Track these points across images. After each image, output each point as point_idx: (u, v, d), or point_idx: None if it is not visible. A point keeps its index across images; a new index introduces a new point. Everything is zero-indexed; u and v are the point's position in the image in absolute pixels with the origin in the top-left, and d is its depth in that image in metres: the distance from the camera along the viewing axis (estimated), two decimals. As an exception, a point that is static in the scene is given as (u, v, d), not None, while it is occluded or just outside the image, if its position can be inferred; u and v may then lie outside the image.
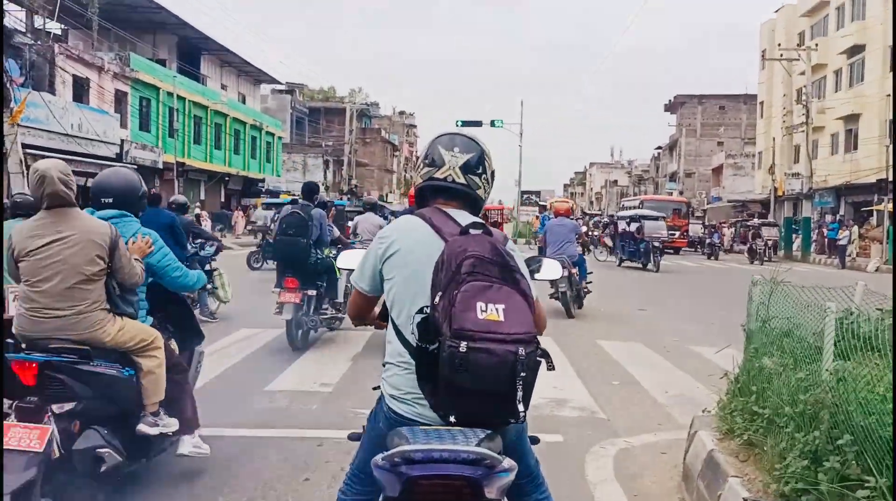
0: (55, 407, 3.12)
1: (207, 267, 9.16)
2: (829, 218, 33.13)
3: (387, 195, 72.35)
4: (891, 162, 23.84)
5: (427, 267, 2.02)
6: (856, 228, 27.75)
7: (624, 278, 19.05)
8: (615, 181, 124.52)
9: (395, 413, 2.08)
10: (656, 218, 23.43)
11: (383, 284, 2.21)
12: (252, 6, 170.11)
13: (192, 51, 37.75)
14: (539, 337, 1.94)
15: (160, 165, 30.01)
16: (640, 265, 21.16)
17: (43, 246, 3.17)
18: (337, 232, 8.58)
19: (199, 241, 9.46)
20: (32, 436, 2.97)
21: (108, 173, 3.85)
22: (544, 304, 2.46)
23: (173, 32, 35.60)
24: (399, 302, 2.14)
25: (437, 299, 1.91)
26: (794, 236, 32.66)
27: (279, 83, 48.14)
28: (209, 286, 9.01)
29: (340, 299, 8.18)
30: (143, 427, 3.45)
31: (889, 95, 26.45)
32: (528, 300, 1.95)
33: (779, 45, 36.61)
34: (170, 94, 31.02)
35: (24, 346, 3.24)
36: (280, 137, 49.05)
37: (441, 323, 1.87)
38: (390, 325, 2.18)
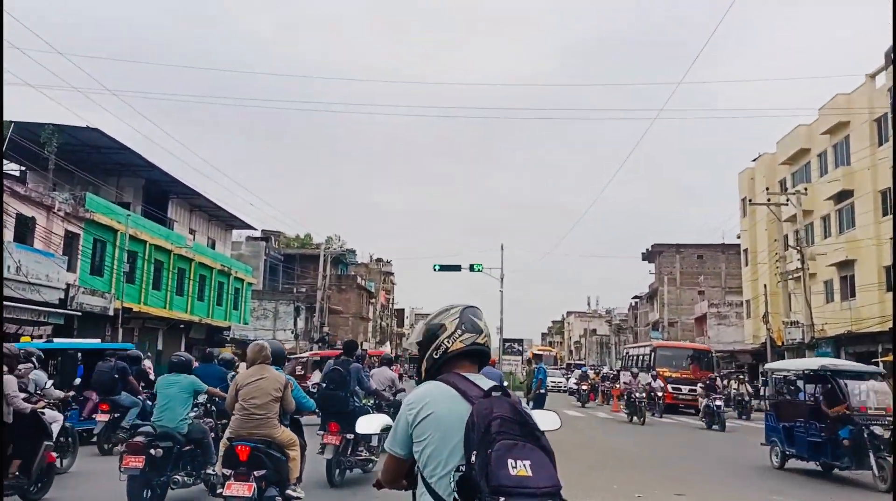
0: (255, 473, 5.92)
1: None
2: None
3: (361, 344, 69.54)
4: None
5: (457, 429, 2.20)
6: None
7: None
8: (594, 330, 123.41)
9: None
10: (868, 375, 12.02)
11: (413, 447, 2.36)
12: (228, 155, 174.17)
13: (159, 194, 36.33)
14: None
15: (111, 312, 27.41)
16: (821, 468, 11.55)
17: (254, 381, 6.18)
18: (374, 384, 10.40)
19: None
20: (244, 488, 5.80)
21: (268, 344, 6.74)
22: None
23: (139, 175, 34.26)
24: (433, 461, 2.28)
25: (472, 457, 2.10)
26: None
27: (253, 229, 46.75)
28: None
29: (375, 443, 9.59)
30: (289, 491, 6.33)
31: (892, 238, 25.10)
32: (549, 456, 2.14)
33: (766, 189, 36.04)
34: (127, 236, 29.00)
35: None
36: (250, 284, 46.89)
37: (479, 480, 2.04)
38: (422, 484, 2.30)
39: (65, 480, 8.54)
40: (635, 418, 21.75)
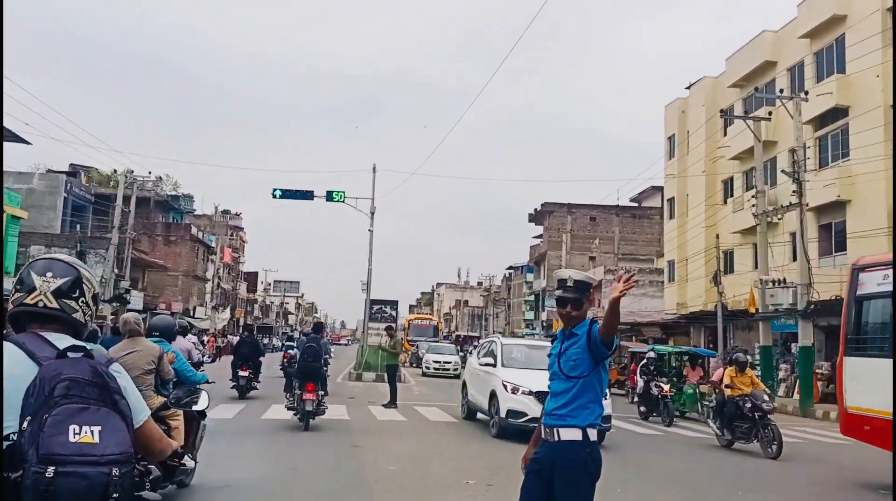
0: None
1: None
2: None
3: (194, 309, 56.88)
4: None
5: (17, 393, 1.89)
6: None
7: None
8: (466, 302, 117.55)
9: None
10: None
11: None
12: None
13: None
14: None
15: None
16: None
17: (125, 355, 6.11)
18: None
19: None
20: None
21: (157, 320, 7.67)
22: None
23: None
24: None
25: (25, 423, 1.83)
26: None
27: (24, 142, 33.35)
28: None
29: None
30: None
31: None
32: (126, 421, 1.94)
33: (757, 90, 27.52)
34: None
35: None
36: (17, 218, 33.73)
37: (28, 449, 1.80)
38: None
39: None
40: None
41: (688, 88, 34.70)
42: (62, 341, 2.04)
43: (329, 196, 24.61)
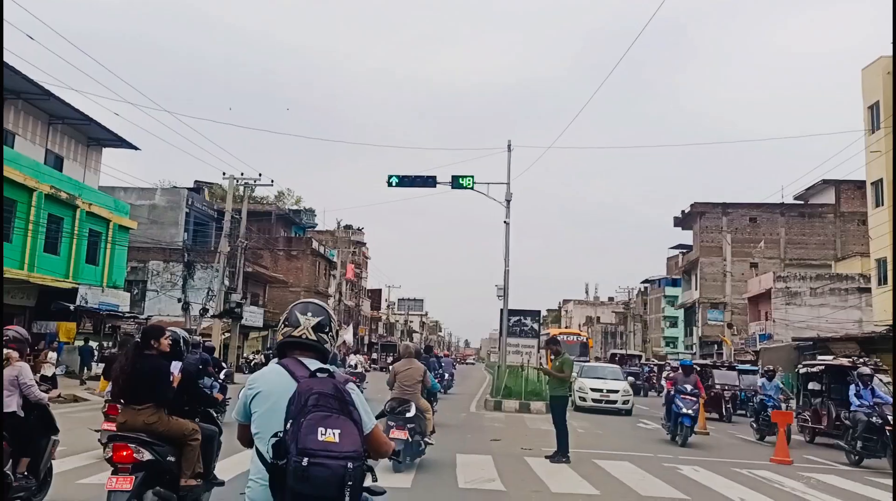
0: (409, 425, 9.45)
1: None
2: None
3: (316, 326, 54.30)
4: None
5: (283, 402, 2.62)
6: None
7: None
8: (598, 318, 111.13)
9: None
10: None
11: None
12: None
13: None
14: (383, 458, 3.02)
15: None
16: None
17: (405, 370, 9.98)
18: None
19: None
20: (402, 433, 9.38)
21: (409, 344, 11.17)
22: None
23: None
24: (260, 430, 2.73)
25: (288, 425, 2.54)
26: None
27: (132, 147, 31.31)
28: None
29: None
30: (426, 439, 10.14)
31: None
32: (358, 427, 2.62)
33: None
34: None
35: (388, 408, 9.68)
36: (127, 229, 31.63)
37: (290, 444, 2.48)
38: (254, 448, 2.76)
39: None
40: None
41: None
42: (313, 364, 2.81)
43: (455, 182, 20.09)
